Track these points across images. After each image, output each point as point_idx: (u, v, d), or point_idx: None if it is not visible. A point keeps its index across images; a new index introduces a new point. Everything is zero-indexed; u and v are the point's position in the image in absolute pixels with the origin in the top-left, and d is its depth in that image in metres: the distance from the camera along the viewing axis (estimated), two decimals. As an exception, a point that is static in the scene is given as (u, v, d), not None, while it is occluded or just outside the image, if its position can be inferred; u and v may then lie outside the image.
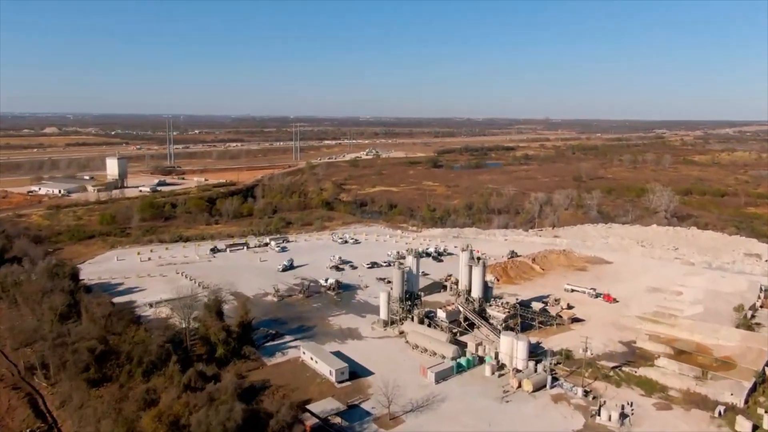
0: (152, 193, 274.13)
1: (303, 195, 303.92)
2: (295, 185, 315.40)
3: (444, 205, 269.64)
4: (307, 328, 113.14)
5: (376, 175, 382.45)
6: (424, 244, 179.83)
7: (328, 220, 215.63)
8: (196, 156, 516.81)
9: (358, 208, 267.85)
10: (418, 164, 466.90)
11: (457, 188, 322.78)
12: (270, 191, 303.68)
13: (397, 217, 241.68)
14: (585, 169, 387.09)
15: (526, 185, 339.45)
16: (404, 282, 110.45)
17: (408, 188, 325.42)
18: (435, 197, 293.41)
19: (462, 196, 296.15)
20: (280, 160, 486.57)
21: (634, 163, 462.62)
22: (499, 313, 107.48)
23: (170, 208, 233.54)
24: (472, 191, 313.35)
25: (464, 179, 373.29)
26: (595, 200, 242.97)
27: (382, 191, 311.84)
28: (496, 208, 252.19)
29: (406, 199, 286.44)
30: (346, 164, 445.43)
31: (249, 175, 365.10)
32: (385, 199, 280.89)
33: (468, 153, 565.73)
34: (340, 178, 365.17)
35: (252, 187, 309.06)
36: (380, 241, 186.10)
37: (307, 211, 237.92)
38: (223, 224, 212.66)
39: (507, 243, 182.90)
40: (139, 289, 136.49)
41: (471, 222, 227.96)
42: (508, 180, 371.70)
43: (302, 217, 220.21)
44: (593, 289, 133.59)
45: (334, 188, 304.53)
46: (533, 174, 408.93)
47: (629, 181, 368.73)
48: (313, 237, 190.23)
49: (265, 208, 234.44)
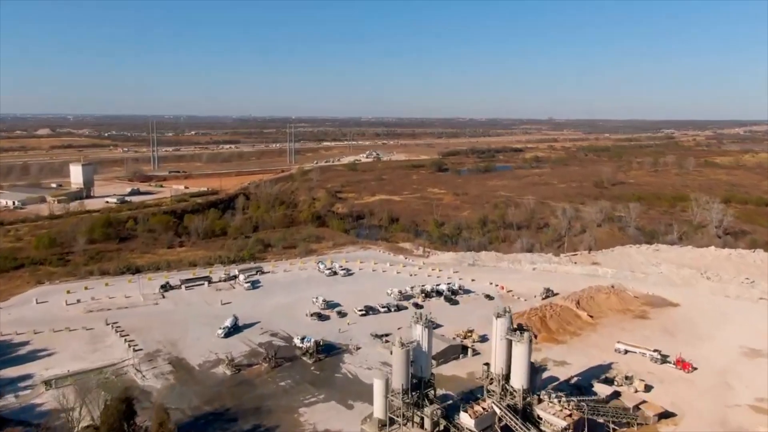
0: (119, 204, 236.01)
1: (293, 206, 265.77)
2: (284, 194, 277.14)
3: (453, 218, 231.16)
4: (265, 431, 75.07)
5: (376, 181, 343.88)
6: (433, 275, 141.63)
7: (316, 241, 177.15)
8: (185, 159, 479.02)
9: (354, 223, 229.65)
10: (421, 168, 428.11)
11: (466, 196, 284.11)
12: (255, 202, 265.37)
13: (400, 234, 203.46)
14: (605, 174, 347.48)
15: (543, 192, 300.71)
16: (409, 365, 72.06)
17: (411, 197, 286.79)
18: (442, 207, 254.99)
19: (473, 207, 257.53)
20: (274, 163, 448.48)
21: (655, 166, 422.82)
22: (556, 418, 68.90)
23: (133, 224, 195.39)
24: (484, 200, 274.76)
25: (473, 185, 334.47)
26: (633, 214, 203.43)
27: (383, 201, 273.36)
28: (515, 222, 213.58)
29: (410, 211, 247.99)
30: (344, 168, 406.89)
31: (236, 182, 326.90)
32: (386, 210, 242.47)
33: (474, 155, 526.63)
34: (336, 184, 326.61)
35: (235, 196, 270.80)
36: (378, 270, 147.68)
37: (294, 228, 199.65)
38: (189, 246, 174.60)
39: (537, 273, 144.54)
40: (47, 352, 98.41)
41: (487, 241, 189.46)
42: (521, 186, 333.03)
43: (286, 236, 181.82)
44: (657, 351, 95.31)
45: (327, 198, 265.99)
46: (547, 179, 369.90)
47: (655, 187, 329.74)
48: (295, 266, 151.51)
49: (244, 225, 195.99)
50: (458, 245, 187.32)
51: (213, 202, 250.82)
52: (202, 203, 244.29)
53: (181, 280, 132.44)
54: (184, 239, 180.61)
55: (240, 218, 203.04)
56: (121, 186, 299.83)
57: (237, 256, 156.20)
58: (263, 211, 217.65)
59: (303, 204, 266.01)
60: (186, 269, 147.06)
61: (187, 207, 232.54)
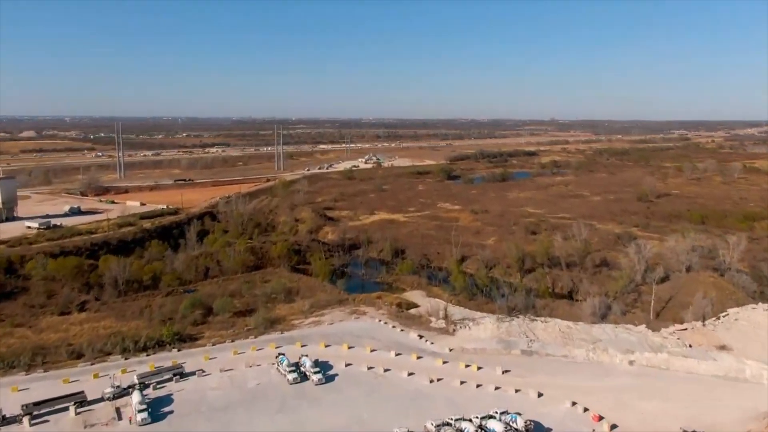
0: (42, 230, 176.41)
1: (271, 229, 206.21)
2: (260, 214, 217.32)
3: (476, 248, 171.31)
4: None
5: (376, 193, 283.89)
6: (469, 382, 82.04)
7: (286, 300, 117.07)
8: (162, 165, 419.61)
9: (346, 256, 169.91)
10: (427, 175, 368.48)
11: (486, 215, 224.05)
12: (223, 224, 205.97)
13: (408, 279, 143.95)
14: (647, 184, 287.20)
15: (579, 208, 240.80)
16: None
17: (419, 216, 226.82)
18: (460, 231, 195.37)
19: (498, 230, 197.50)
20: (261, 170, 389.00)
21: (695, 173, 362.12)
22: None
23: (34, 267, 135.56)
24: (510, 220, 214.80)
25: (491, 198, 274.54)
26: (736, 250, 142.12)
27: (384, 222, 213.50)
28: (563, 258, 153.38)
29: (419, 237, 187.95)
30: (339, 176, 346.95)
31: (209, 194, 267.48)
32: (388, 237, 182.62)
33: (485, 159, 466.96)
34: (328, 198, 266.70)
35: (199, 216, 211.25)
36: (377, 369, 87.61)
37: (261, 274, 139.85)
38: (95, 311, 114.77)
39: (640, 376, 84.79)
40: None
41: (533, 293, 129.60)
42: (549, 199, 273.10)
43: (243, 290, 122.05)
44: None
45: (313, 219, 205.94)
46: (575, 188, 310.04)
47: (708, 199, 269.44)
48: (239, 362, 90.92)
49: (187, 269, 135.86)
50: (492, 298, 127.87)
51: (167, 226, 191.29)
52: (150, 228, 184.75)
53: (23, 407, 72.82)
54: (90, 297, 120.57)
55: (184, 259, 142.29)
56: (65, 202, 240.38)
57: (154, 336, 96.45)
58: (222, 243, 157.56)
59: (283, 226, 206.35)
60: (62, 364, 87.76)
61: (126, 235, 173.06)
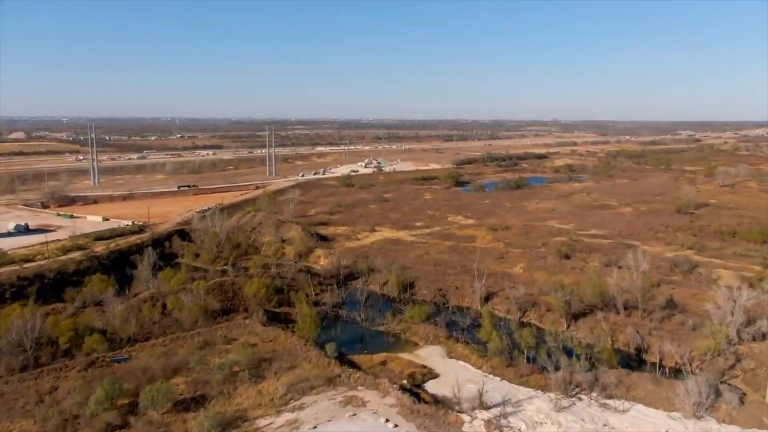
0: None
1: (253, 251, 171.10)
2: (241, 232, 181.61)
3: (502, 281, 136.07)
4: None
5: (378, 204, 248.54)
6: None
7: (255, 381, 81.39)
8: (145, 170, 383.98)
9: (341, 291, 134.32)
10: (433, 181, 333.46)
11: (508, 233, 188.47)
12: (198, 244, 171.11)
13: (420, 329, 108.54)
14: (686, 194, 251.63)
15: (612, 222, 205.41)
16: None
17: (429, 233, 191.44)
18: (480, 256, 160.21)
19: (525, 253, 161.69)
20: (251, 175, 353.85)
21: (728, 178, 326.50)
22: None
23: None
24: (536, 238, 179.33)
25: (508, 210, 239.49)
26: None
27: (387, 241, 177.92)
28: (617, 297, 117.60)
29: (431, 263, 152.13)
30: (336, 183, 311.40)
31: (188, 205, 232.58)
32: (392, 264, 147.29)
33: (493, 163, 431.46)
34: (323, 210, 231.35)
35: (168, 236, 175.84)
36: None
37: (226, 326, 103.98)
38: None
39: None
40: None
41: (595, 355, 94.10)
42: (574, 211, 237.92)
43: (200, 360, 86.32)
44: None
45: (303, 239, 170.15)
46: (600, 197, 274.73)
47: (753, 210, 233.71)
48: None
49: (124, 323, 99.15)
50: (537, 362, 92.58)
51: (123, 251, 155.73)
52: (102, 255, 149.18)
53: None
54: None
55: (123, 307, 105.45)
56: (17, 217, 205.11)
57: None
58: (181, 280, 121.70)
59: (267, 248, 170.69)
60: None
61: (68, 265, 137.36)
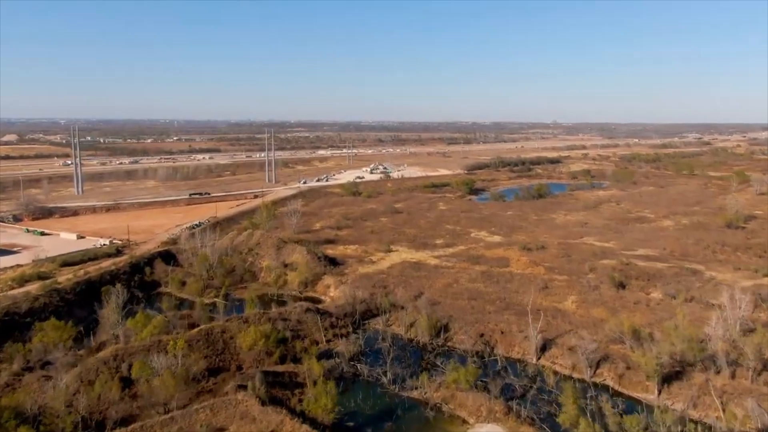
0: None
1: (248, 276, 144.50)
2: (236, 253, 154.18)
3: (553, 318, 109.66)
4: None
5: (389, 216, 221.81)
6: None
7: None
8: (136, 176, 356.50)
9: (357, 334, 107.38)
10: (446, 188, 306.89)
11: (544, 254, 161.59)
12: (185, 269, 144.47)
13: (468, 398, 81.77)
14: (732, 204, 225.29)
15: (660, 241, 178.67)
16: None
17: (453, 254, 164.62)
18: (520, 285, 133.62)
19: (572, 283, 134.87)
20: (249, 182, 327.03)
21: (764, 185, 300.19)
22: None
23: None
24: (577, 260, 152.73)
25: (535, 223, 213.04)
26: None
27: (407, 265, 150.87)
28: (722, 355, 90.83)
29: (465, 298, 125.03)
30: (342, 191, 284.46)
31: (170, 221, 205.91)
32: (417, 296, 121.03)
33: (506, 168, 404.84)
34: (328, 224, 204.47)
35: (151, 259, 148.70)
36: None
37: (211, 404, 76.91)
38: None
39: None
40: None
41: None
42: (608, 224, 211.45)
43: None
44: None
45: (309, 263, 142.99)
46: (632, 207, 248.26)
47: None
48: None
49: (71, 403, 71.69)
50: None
51: (93, 281, 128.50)
52: (65, 288, 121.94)
53: None
54: None
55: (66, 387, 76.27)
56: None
57: None
58: (156, 328, 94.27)
59: (266, 274, 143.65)
60: None
61: (19, 304, 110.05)
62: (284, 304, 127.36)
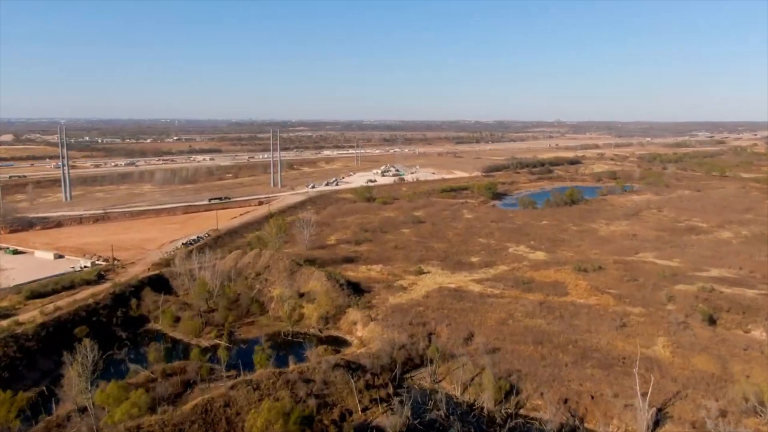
0: None
1: (256, 308, 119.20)
2: (240, 279, 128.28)
3: (648, 371, 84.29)
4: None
5: (411, 227, 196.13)
6: None
7: None
8: (131, 179, 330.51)
9: (400, 394, 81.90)
10: (465, 192, 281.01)
11: (605, 277, 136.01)
12: (181, 297, 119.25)
13: None
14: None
15: (730, 258, 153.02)
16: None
17: (495, 276, 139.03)
18: (589, 320, 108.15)
19: (651, 317, 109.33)
20: (252, 186, 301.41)
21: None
22: None
23: None
24: (647, 284, 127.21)
25: (576, 234, 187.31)
26: None
27: (444, 292, 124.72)
28: None
29: (527, 342, 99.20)
30: (354, 197, 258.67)
31: (165, 235, 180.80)
32: (468, 339, 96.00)
33: (525, 170, 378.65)
34: (345, 237, 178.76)
35: (138, 287, 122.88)
36: None
37: None
38: None
39: None
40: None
41: None
42: (659, 235, 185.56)
43: None
44: None
45: (329, 293, 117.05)
46: (678, 215, 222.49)
47: None
48: None
49: None
50: None
51: (63, 321, 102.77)
52: (26, 333, 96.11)
53: None
54: None
55: None
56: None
57: None
58: (135, 404, 69.09)
59: (278, 306, 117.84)
60: None
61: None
62: (301, 346, 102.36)
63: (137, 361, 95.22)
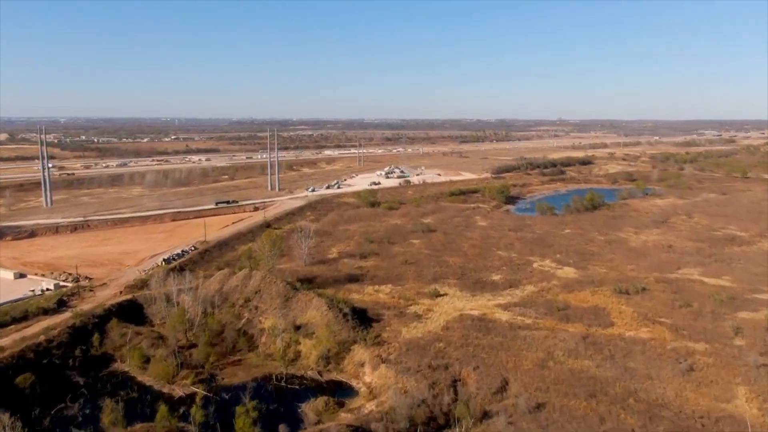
0: None
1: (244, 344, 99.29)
2: (226, 306, 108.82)
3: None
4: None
5: (421, 237, 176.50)
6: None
7: None
8: (122, 182, 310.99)
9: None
10: (475, 195, 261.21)
11: (650, 302, 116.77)
12: (156, 329, 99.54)
13: None
14: None
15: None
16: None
17: (523, 299, 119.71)
18: (642, 358, 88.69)
19: (719, 356, 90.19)
20: (249, 189, 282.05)
21: None
22: None
23: None
24: (704, 313, 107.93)
25: (605, 245, 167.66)
26: None
27: (467, 323, 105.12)
28: None
29: (579, 396, 79.76)
30: (357, 201, 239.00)
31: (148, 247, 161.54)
32: (501, 389, 77.04)
33: (536, 170, 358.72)
34: (347, 249, 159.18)
35: (105, 317, 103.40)
36: None
37: None
38: None
39: None
40: None
41: None
42: (698, 246, 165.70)
43: None
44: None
45: (332, 326, 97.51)
46: (711, 222, 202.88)
47: None
48: None
49: None
50: None
51: (6, 367, 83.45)
52: None
53: None
54: None
55: None
56: None
57: None
58: None
59: (269, 342, 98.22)
60: None
61: None
62: (297, 395, 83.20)
63: (92, 419, 76.16)
